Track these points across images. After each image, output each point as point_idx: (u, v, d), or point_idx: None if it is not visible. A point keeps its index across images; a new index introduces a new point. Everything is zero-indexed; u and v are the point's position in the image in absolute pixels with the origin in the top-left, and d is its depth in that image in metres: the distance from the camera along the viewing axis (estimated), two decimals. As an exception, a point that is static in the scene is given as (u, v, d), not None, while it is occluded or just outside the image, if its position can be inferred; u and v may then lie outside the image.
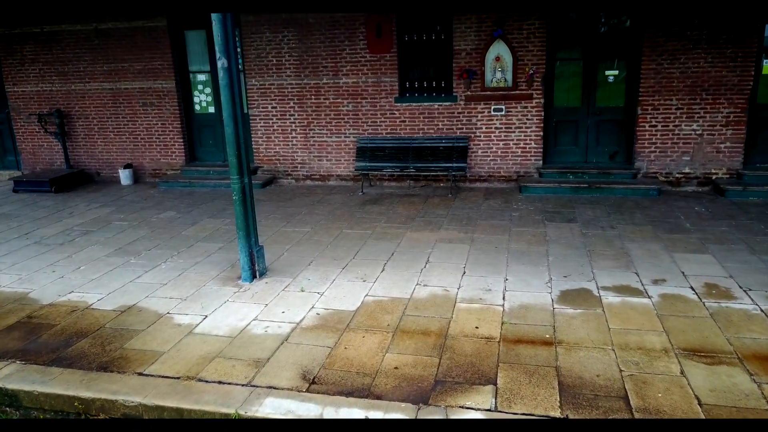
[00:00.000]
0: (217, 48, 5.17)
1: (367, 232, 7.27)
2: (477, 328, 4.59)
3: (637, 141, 8.99)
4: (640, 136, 8.96)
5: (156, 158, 11.15)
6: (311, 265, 6.15)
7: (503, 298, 5.12)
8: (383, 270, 5.91)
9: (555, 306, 4.94)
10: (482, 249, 6.48)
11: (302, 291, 5.44)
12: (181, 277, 5.95)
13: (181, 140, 10.93)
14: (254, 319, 4.89)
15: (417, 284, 5.51)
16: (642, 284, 5.34)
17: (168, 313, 5.09)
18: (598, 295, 5.13)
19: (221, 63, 5.18)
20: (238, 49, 10.18)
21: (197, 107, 10.97)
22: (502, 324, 4.64)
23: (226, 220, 8.10)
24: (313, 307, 5.08)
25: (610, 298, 5.05)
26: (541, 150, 9.37)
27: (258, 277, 5.81)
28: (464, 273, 5.75)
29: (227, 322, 4.86)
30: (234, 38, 5.29)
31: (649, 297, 5.05)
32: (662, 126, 8.85)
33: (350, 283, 5.59)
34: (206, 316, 4.98)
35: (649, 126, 8.89)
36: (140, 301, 5.37)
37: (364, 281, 5.63)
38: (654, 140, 8.92)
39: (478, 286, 5.41)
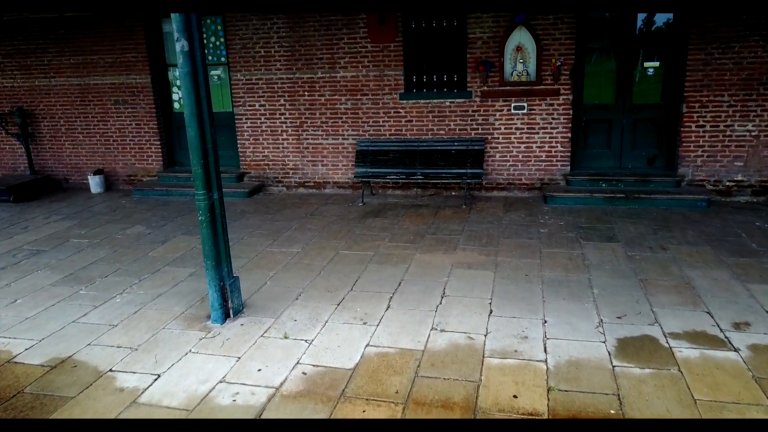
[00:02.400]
0: (174, 26, 4.07)
1: (368, 254, 6.17)
2: (515, 397, 3.49)
3: (682, 143, 7.88)
4: (685, 137, 7.85)
5: (130, 163, 10.06)
6: (299, 300, 5.05)
7: (545, 350, 4.02)
8: (388, 307, 4.81)
9: (614, 362, 3.83)
10: (510, 277, 5.38)
11: (286, 338, 4.34)
12: (137, 316, 4.85)
13: (158, 142, 9.84)
14: (221, 381, 3.79)
15: (432, 328, 4.40)
16: (720, 329, 4.24)
17: (111, 370, 3.99)
18: (667, 345, 4.03)
19: (180, 46, 4.09)
20: (221, 39, 9.10)
21: (176, 105, 9.88)
22: (548, 390, 3.54)
23: (203, 238, 7.00)
24: (298, 363, 3.98)
25: (684, 351, 3.94)
26: (569, 154, 8.27)
27: (232, 316, 4.71)
28: (491, 311, 4.65)
29: (185, 385, 3.76)
30: (198, 14, 4.19)
31: (736, 350, 3.95)
32: (711, 126, 7.74)
33: (347, 327, 4.49)
34: (159, 376, 3.88)
35: (696, 126, 7.78)
36: (79, 351, 4.27)
37: (365, 323, 4.53)
38: (701, 143, 7.82)
39: (510, 331, 4.31)
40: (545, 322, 4.44)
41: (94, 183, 9.94)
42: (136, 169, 10.08)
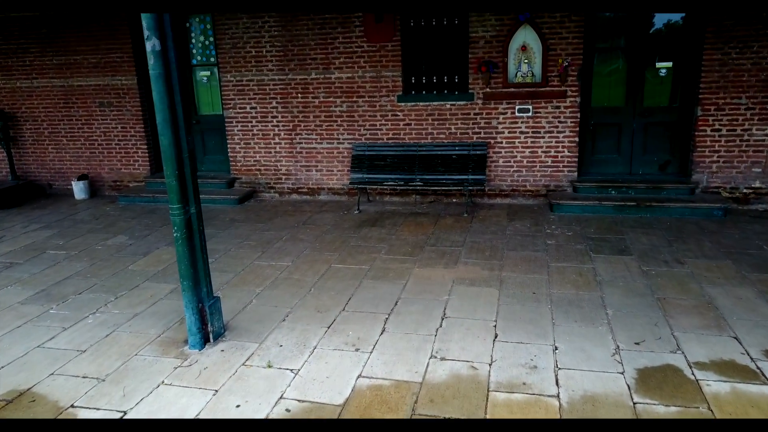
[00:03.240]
0: (144, 23, 3.69)
1: (363, 268, 5.79)
2: (525, 441, 3.09)
3: (696, 148, 7.49)
4: (699, 142, 7.47)
5: (116, 168, 9.68)
6: (286, 321, 4.66)
7: (556, 382, 3.63)
8: (383, 330, 4.42)
9: (635, 398, 3.44)
10: (516, 295, 4.99)
11: (269, 367, 3.95)
12: (109, 340, 4.46)
13: (145, 147, 9.46)
14: (195, 419, 3.40)
15: (431, 356, 4.01)
16: (751, 358, 3.85)
17: (72, 405, 3.60)
18: (693, 377, 3.64)
19: (151, 45, 3.70)
20: (210, 39, 8.73)
21: (164, 108, 9.46)
22: (563, 433, 3.14)
23: (188, 249, 6.61)
24: (282, 397, 3.59)
25: (713, 385, 3.55)
26: (576, 159, 7.88)
27: (212, 341, 4.32)
28: (496, 336, 4.26)
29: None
30: (172, 12, 3.81)
31: (771, 383, 3.56)
32: (728, 130, 7.36)
33: (337, 354, 4.10)
34: (125, 413, 3.49)
35: (711, 130, 7.40)
36: (40, 383, 3.88)
37: (357, 350, 4.14)
38: (717, 147, 7.43)
39: (517, 360, 3.92)
40: (556, 348, 4.05)
41: (78, 189, 9.56)
42: (122, 174, 9.69)
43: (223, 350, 4.21)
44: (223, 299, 5.13)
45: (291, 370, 3.91)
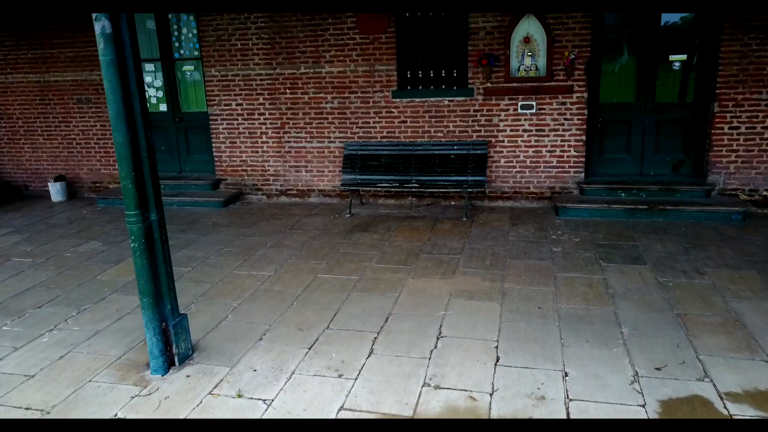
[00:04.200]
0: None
1: (352, 279, 5.32)
2: (533, 493, 2.63)
3: (712, 147, 7.03)
4: (716, 140, 7.01)
5: (95, 168, 9.22)
6: (263, 341, 4.19)
7: (568, 417, 3.16)
8: (371, 352, 3.96)
9: (660, 437, 2.97)
10: (520, 310, 4.52)
11: (239, 396, 3.49)
12: (63, 363, 3.99)
13: (126, 146, 8.96)
14: (146, 463, 2.93)
15: (424, 383, 3.55)
16: (791, 387, 3.38)
17: (8, 444, 3.13)
18: (726, 412, 3.17)
19: (100, 26, 3.23)
20: (194, 31, 8.27)
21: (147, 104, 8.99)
22: (577, 482, 2.68)
23: (164, 256, 6.14)
24: (250, 435, 3.12)
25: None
26: (583, 159, 7.42)
27: (177, 364, 3.85)
28: (498, 359, 3.80)
29: (98, 469, 2.91)
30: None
31: (817, 419, 3.09)
32: (747, 128, 6.90)
33: (318, 381, 3.63)
34: (67, 455, 3.03)
35: (729, 128, 6.94)
36: (-24, 415, 3.41)
37: (341, 375, 3.68)
38: (735, 146, 6.97)
39: (522, 388, 3.45)
40: (566, 375, 3.59)
41: (55, 190, 9.10)
42: (101, 175, 9.23)
43: (189, 375, 3.75)
44: (195, 314, 4.67)
45: (263, 400, 3.44)
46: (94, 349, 4.17)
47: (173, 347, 3.81)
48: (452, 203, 7.93)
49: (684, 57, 7.10)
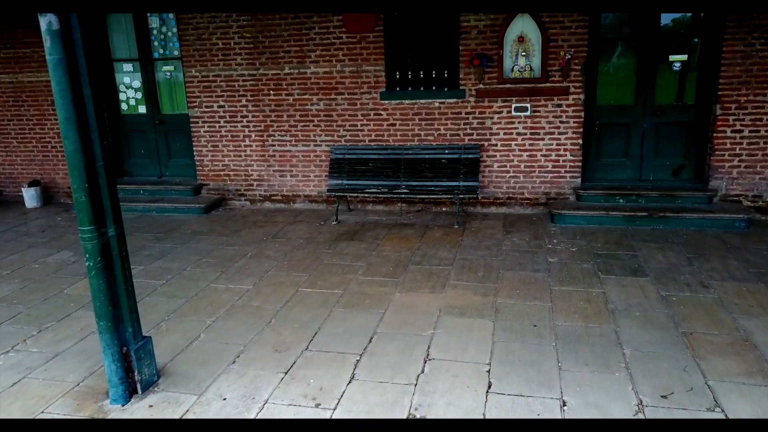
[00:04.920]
0: (36, -5, 2.90)
1: (335, 293, 5.02)
2: None
3: (714, 151, 6.78)
4: (718, 144, 6.75)
5: (72, 173, 8.84)
6: (236, 364, 3.89)
7: (567, 454, 2.87)
8: (352, 378, 3.65)
9: (669, 478, 2.69)
10: (514, 329, 4.24)
11: None
12: (16, 390, 3.67)
13: (103, 149, 8.62)
14: None
15: (410, 414, 3.25)
16: (810, 418, 3.10)
17: (-59, 490, 2.81)
18: (740, 447, 2.89)
19: (46, 22, 2.92)
20: (173, 29, 7.95)
21: (124, 106, 8.71)
22: None
23: (139, 267, 5.84)
24: (214, 477, 2.82)
25: (767, 459, 2.80)
26: (580, 163, 7.15)
27: (140, 392, 3.54)
28: (490, 386, 3.50)
29: None
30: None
31: (841, 456, 2.81)
32: (750, 131, 6.65)
33: (293, 411, 3.33)
34: (7, 502, 2.71)
35: (732, 131, 6.68)
36: None
37: (318, 405, 3.37)
38: (738, 150, 6.72)
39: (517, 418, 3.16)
40: (564, 404, 3.30)
41: (29, 196, 8.75)
42: (78, 179, 8.86)
43: (151, 405, 3.44)
44: (165, 333, 4.37)
45: (231, 435, 3.13)
46: (52, 375, 3.85)
47: (135, 374, 3.50)
48: (444, 209, 7.65)
49: (685, 57, 6.85)
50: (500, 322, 4.36)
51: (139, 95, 8.57)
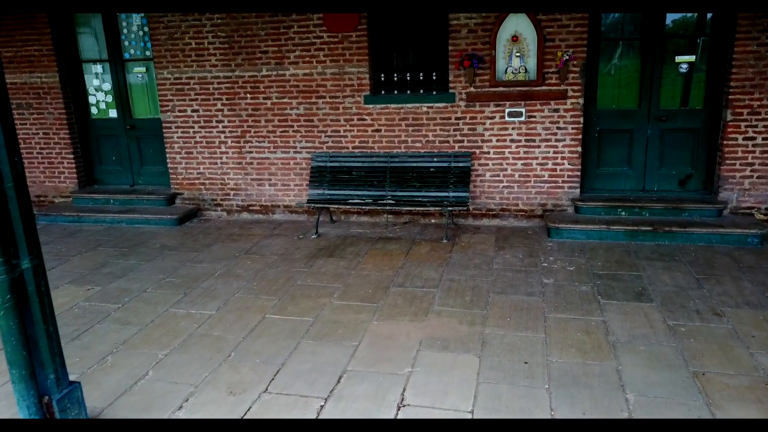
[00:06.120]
0: None
1: (306, 321, 4.55)
2: None
3: (724, 160, 6.31)
4: (728, 152, 6.29)
5: (39, 181, 8.41)
6: (183, 410, 3.42)
7: None
8: (313, 431, 3.18)
9: None
10: (502, 367, 3.77)
11: (131, 503, 2.70)
12: (-76, 443, 3.19)
13: (72, 156, 8.19)
14: None
15: (374, 481, 2.78)
16: None
17: None
18: None
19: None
20: (144, 28, 7.49)
21: (94, 110, 8.24)
22: None
23: (95, 288, 5.37)
24: None
25: None
26: (579, 173, 6.69)
27: (65, 448, 3.06)
28: (471, 442, 3.03)
29: None
30: None
31: None
32: (764, 138, 6.19)
33: (237, 477, 2.86)
34: None
35: (744, 138, 6.22)
36: None
37: (269, 467, 2.90)
38: (750, 159, 6.26)
39: (500, 490, 2.69)
40: (558, 467, 2.83)
41: (-7, 206, 8.26)
42: (46, 188, 8.42)
43: (76, 466, 2.96)
44: (109, 370, 3.90)
45: (162, 508, 2.66)
46: (-29, 423, 3.37)
47: (58, 428, 3.02)
48: (433, 221, 7.18)
49: (693, 58, 6.38)
50: (487, 358, 3.89)
51: (110, 98, 8.10)
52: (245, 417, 3.32)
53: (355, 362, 3.90)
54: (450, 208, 6.57)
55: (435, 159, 6.84)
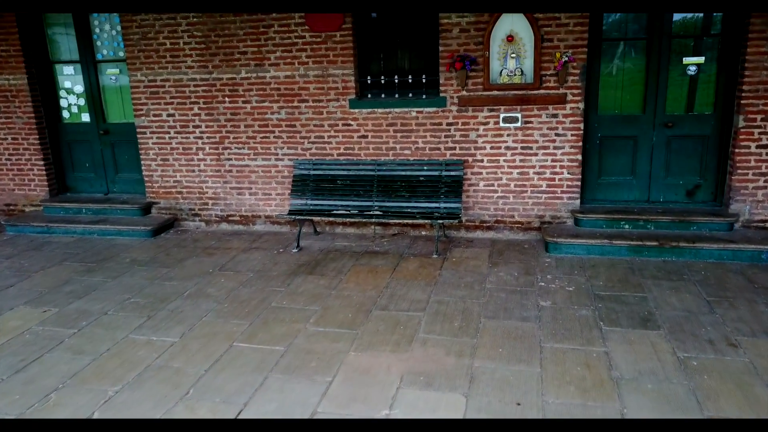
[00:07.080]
0: None
1: (276, 351, 4.14)
2: None
3: (736, 169, 5.90)
4: (740, 161, 5.88)
5: (8, 189, 8.00)
6: (123, 465, 3.00)
7: None
8: (269, 493, 2.77)
9: None
10: (491, 408, 3.35)
11: None
12: None
13: (42, 162, 7.78)
14: None
15: None
16: None
17: None
18: None
19: None
20: (117, 27, 7.09)
21: (65, 114, 7.83)
22: None
23: (52, 310, 4.95)
24: None
25: None
26: (579, 182, 6.28)
27: None
28: (452, 508, 2.61)
29: None
30: None
31: None
32: (778, 146, 5.78)
33: None
34: None
35: (757, 146, 5.82)
36: None
37: None
38: (764, 169, 5.85)
39: None
40: None
41: (-42, 215, 7.86)
42: (15, 196, 8.01)
43: None
44: (52, 409, 3.49)
45: None
46: None
47: (-29, 491, 2.61)
48: (423, 233, 6.77)
49: (701, 59, 5.98)
50: (475, 397, 3.48)
51: (82, 102, 7.69)
52: (194, 473, 2.91)
53: (327, 402, 3.48)
54: (441, 221, 6.15)
55: (425, 167, 6.43)
